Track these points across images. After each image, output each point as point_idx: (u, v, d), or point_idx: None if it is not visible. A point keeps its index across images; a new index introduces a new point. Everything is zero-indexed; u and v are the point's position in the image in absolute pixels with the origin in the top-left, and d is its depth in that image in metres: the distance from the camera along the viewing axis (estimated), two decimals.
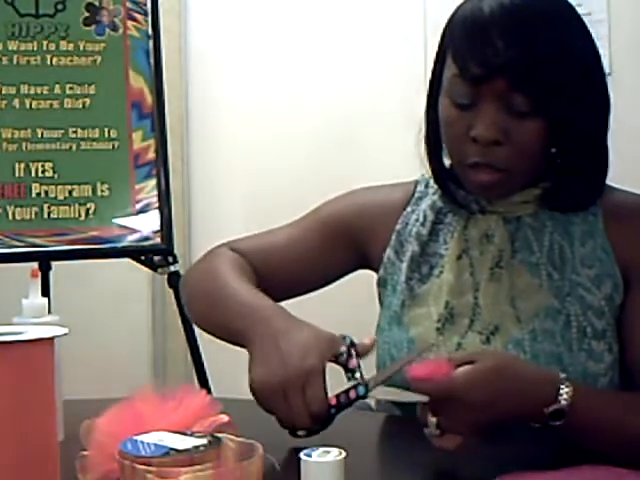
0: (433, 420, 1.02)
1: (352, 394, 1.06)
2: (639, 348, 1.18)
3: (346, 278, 1.40)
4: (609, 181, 1.26)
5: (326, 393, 1.05)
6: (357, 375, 1.07)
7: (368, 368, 1.11)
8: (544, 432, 1.04)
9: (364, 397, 1.08)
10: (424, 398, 1.02)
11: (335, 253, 1.35)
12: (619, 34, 2.57)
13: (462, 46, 1.16)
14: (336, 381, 1.09)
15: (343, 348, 1.09)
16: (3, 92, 2.21)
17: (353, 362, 1.08)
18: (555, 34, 1.14)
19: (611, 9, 2.58)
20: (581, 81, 1.16)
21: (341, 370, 1.09)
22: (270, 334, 1.10)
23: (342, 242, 1.35)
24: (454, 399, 1.00)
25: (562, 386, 1.03)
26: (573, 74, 1.15)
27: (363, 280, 1.41)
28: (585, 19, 1.20)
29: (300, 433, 1.07)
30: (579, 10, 1.19)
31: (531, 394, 1.03)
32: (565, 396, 1.02)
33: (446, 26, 1.21)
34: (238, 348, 1.16)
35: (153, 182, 2.27)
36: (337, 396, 1.06)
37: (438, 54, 1.23)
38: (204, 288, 1.30)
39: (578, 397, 1.03)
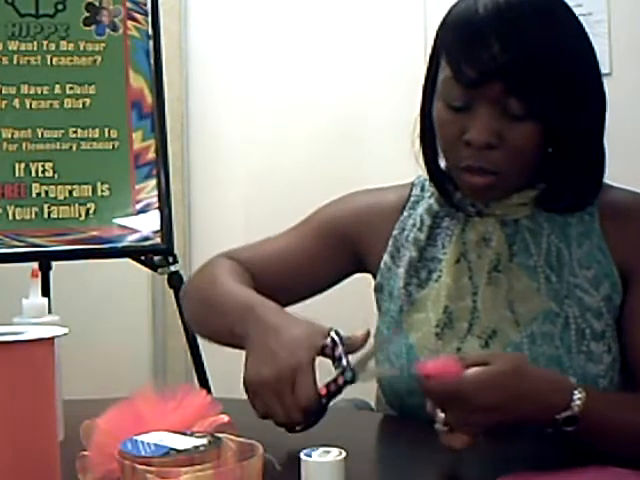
0: (441, 416, 1.01)
1: (340, 380, 1.06)
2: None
3: (345, 281, 1.40)
4: (610, 181, 1.26)
5: (316, 385, 1.05)
6: (343, 362, 1.07)
7: None
8: (547, 433, 1.04)
9: (352, 382, 1.06)
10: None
11: (333, 258, 1.34)
12: (619, 34, 2.57)
13: (456, 49, 1.14)
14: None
15: (327, 340, 1.08)
16: (3, 92, 2.21)
17: (338, 351, 1.07)
18: (551, 37, 1.13)
19: (611, 9, 2.58)
20: (577, 84, 1.15)
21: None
22: (262, 332, 1.10)
23: (339, 246, 1.34)
24: (463, 400, 0.99)
25: (575, 392, 1.02)
26: (569, 77, 1.13)
27: (362, 284, 1.40)
28: (585, 19, 1.19)
29: (297, 428, 1.07)
30: (579, 10, 1.19)
31: (543, 400, 1.02)
32: (578, 402, 1.01)
33: (440, 27, 1.19)
34: None
35: (153, 182, 2.26)
36: (327, 386, 1.06)
37: (432, 56, 1.21)
38: (202, 297, 1.30)
39: (590, 403, 1.02)
